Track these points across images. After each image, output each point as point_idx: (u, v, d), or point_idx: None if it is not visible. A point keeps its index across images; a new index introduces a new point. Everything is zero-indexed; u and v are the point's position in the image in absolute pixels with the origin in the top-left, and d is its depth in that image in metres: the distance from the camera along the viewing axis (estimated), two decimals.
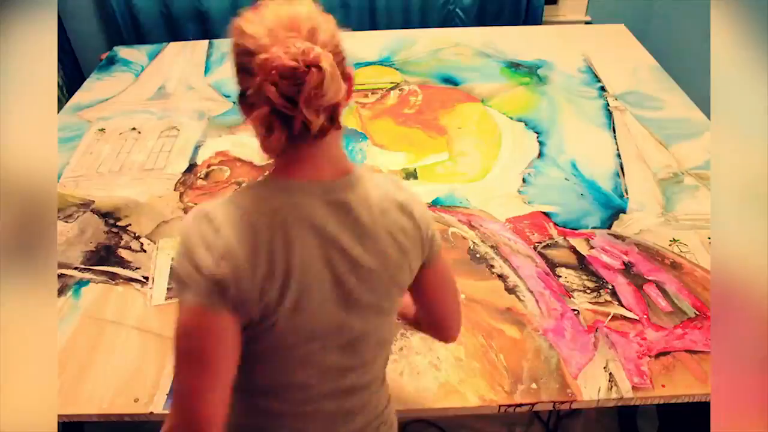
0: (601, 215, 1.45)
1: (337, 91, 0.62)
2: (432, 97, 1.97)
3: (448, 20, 2.72)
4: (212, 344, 0.66)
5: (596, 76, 2.04)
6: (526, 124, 1.81)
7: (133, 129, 1.85)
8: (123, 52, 2.34)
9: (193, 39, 2.49)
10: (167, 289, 1.27)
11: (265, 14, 0.65)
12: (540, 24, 2.76)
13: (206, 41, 2.38)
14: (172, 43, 2.38)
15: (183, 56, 2.28)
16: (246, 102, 0.66)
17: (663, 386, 1.05)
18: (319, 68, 0.60)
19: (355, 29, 2.62)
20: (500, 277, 1.28)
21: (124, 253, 1.38)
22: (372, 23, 2.73)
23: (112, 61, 2.27)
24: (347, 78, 0.67)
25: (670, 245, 1.35)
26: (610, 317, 1.18)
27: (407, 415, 1.06)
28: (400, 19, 2.72)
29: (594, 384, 1.06)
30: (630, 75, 2.05)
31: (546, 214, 1.46)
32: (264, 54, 0.61)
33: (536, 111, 1.87)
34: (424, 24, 2.73)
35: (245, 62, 0.64)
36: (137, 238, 1.42)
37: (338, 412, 0.81)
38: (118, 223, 1.47)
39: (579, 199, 1.50)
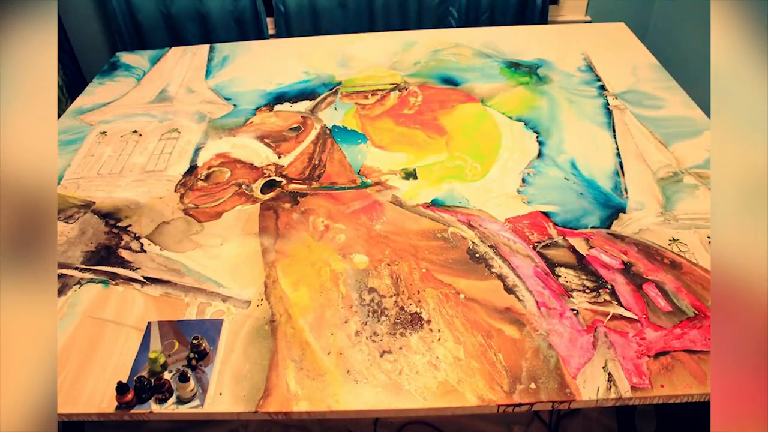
0: (600, 215, 1.45)
1: None
2: (432, 98, 1.97)
3: (443, 19, 2.73)
4: None
5: (596, 75, 2.04)
6: (525, 124, 1.81)
7: (135, 132, 1.86)
8: (125, 57, 2.35)
9: (194, 41, 2.49)
10: None
11: None
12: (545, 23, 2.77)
13: (207, 45, 2.39)
14: (173, 48, 2.39)
15: (184, 60, 2.28)
16: None
17: (662, 386, 1.05)
18: None
19: (352, 30, 2.63)
20: (499, 276, 1.28)
21: (124, 253, 1.38)
22: (370, 23, 2.73)
23: (114, 66, 2.28)
24: None
25: (669, 245, 1.35)
26: (609, 317, 1.18)
27: (405, 416, 1.06)
28: (398, 19, 2.73)
29: (593, 384, 1.06)
30: (630, 73, 2.04)
31: (545, 213, 1.46)
32: None
33: (536, 110, 1.87)
34: (421, 25, 2.73)
35: None
36: (137, 238, 1.43)
37: None
38: (119, 224, 1.47)
39: (578, 199, 1.50)
